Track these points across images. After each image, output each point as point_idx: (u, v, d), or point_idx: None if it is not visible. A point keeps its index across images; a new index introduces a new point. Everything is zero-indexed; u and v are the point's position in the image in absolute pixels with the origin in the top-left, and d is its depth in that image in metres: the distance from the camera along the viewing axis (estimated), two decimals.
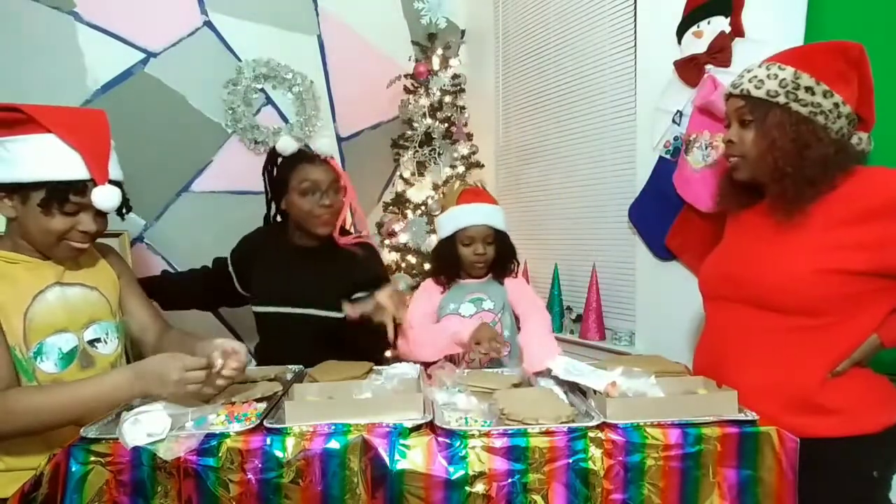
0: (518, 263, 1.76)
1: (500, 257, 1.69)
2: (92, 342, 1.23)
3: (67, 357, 1.18)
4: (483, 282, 1.70)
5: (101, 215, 1.20)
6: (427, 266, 2.60)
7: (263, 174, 1.68)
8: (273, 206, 1.70)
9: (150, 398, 1.10)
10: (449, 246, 1.68)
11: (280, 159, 1.63)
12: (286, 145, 1.60)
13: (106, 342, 1.26)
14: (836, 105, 1.10)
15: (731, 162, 1.22)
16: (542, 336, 1.56)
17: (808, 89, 1.10)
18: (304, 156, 1.60)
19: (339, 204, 1.60)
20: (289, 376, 1.38)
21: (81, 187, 1.14)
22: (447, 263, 1.69)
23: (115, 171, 1.20)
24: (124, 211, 1.23)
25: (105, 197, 1.15)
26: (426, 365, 1.41)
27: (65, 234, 1.16)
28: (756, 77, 1.14)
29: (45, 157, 1.11)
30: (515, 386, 1.27)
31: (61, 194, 1.12)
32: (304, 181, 1.56)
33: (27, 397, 1.07)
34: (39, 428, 1.09)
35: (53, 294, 1.19)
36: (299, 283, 1.62)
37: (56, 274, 1.20)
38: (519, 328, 1.70)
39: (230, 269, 1.76)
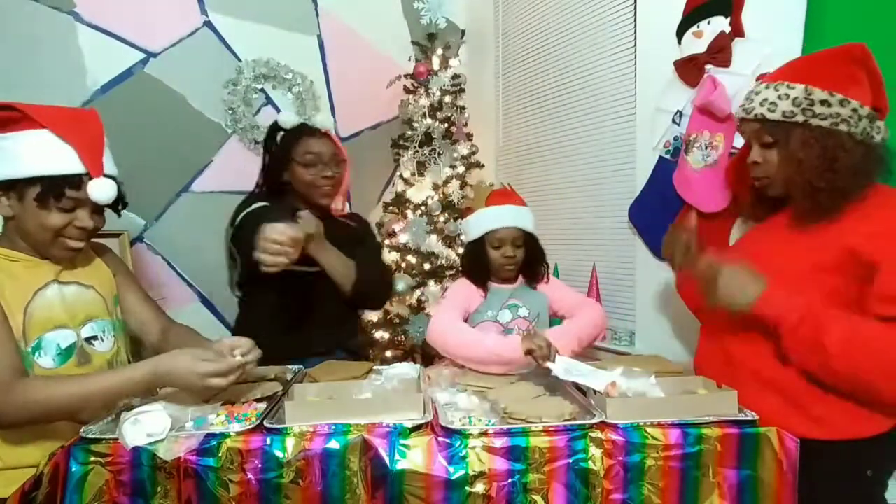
0: (548, 266, 1.73)
1: (530, 260, 1.67)
2: (89, 339, 1.24)
3: (65, 353, 1.19)
4: (517, 287, 1.68)
5: (98, 212, 1.20)
6: (427, 266, 2.60)
7: (263, 148, 1.72)
8: (271, 178, 1.69)
9: (150, 399, 1.10)
10: (478, 248, 1.66)
11: (281, 133, 1.68)
12: (288, 118, 1.68)
13: (102, 340, 1.26)
14: (855, 110, 1.09)
15: (759, 182, 1.21)
16: (567, 331, 1.53)
17: (824, 102, 1.09)
18: (306, 129, 1.66)
19: (340, 176, 1.68)
20: (289, 376, 1.38)
21: (77, 181, 1.14)
22: (476, 266, 1.67)
23: (109, 167, 1.20)
24: (120, 207, 1.24)
25: (100, 189, 1.15)
26: (426, 364, 1.41)
27: (61, 231, 1.16)
28: (767, 99, 1.13)
29: (40, 152, 1.12)
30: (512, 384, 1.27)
31: (57, 188, 1.12)
32: (308, 153, 1.62)
33: (45, 387, 1.07)
34: (53, 419, 1.10)
35: (52, 291, 1.19)
36: None
37: (54, 272, 1.21)
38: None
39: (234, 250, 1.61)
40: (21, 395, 1.05)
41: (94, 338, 1.25)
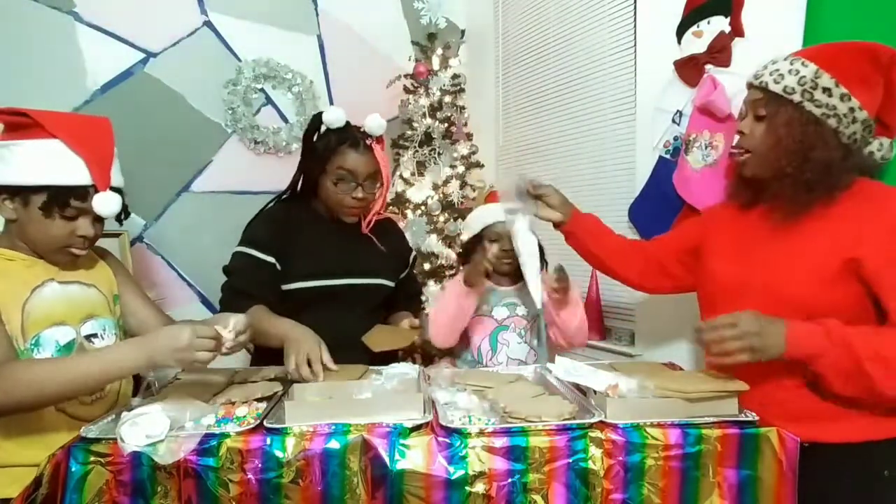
0: (547, 263, 1.72)
1: None
2: (89, 337, 1.24)
3: (65, 349, 1.19)
4: (518, 287, 1.69)
5: (98, 220, 1.22)
6: (427, 266, 2.60)
7: (304, 140, 1.56)
8: (304, 180, 1.58)
9: (149, 400, 1.10)
10: (476, 244, 1.68)
11: (325, 129, 1.51)
12: (335, 117, 1.48)
13: (103, 338, 1.27)
14: (852, 110, 1.07)
15: (738, 157, 1.19)
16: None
17: (826, 90, 1.07)
18: (349, 137, 1.48)
19: (373, 196, 1.53)
20: (289, 376, 1.38)
21: (82, 192, 1.16)
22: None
23: (116, 178, 1.22)
24: (122, 217, 1.26)
25: (105, 203, 1.18)
26: (426, 364, 1.41)
27: (65, 241, 1.18)
28: (777, 70, 1.11)
29: (49, 162, 1.14)
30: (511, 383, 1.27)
31: (62, 198, 1.14)
32: (342, 169, 1.47)
33: (29, 368, 1.08)
34: (43, 401, 1.10)
35: (50, 289, 1.20)
36: (347, 255, 1.57)
37: (52, 271, 1.22)
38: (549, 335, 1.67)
39: (265, 258, 1.49)
40: (7, 378, 1.04)
41: (95, 335, 1.25)
